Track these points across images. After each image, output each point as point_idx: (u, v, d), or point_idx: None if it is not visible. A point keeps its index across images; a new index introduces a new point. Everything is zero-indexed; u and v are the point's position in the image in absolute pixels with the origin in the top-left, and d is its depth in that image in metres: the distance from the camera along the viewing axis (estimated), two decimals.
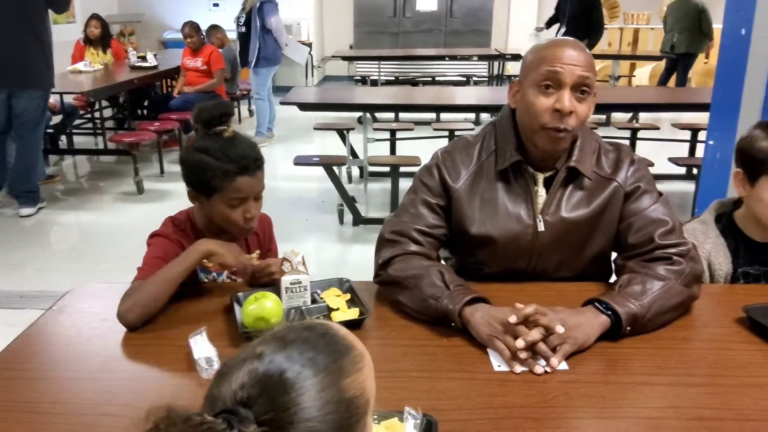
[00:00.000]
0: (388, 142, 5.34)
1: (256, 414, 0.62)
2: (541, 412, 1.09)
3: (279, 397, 0.63)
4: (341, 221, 4.33)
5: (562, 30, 7.00)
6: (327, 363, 0.66)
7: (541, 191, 1.51)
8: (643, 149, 5.21)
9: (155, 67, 6.42)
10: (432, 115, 6.30)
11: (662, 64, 7.77)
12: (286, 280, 1.42)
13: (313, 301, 1.47)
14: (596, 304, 1.32)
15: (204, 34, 6.54)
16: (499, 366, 1.23)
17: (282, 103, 4.52)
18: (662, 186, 1.53)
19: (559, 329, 1.22)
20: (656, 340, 1.32)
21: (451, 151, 1.59)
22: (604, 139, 1.58)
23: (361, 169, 5.09)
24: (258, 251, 1.69)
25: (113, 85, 5.77)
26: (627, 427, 1.06)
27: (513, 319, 1.23)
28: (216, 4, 9.56)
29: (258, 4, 6.01)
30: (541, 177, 1.51)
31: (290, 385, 0.64)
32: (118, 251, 3.76)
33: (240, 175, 1.48)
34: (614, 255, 1.58)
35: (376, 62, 8.26)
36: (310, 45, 9.48)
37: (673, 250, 1.42)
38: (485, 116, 6.79)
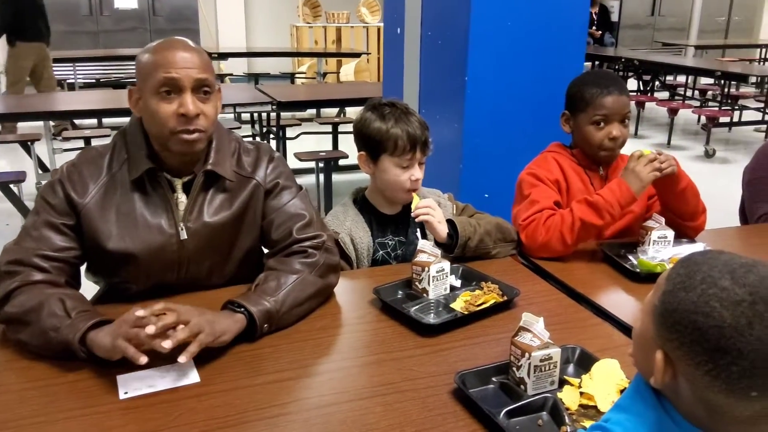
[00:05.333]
0: None
1: None
2: None
3: None
4: None
5: None
6: None
7: (182, 198, 1.46)
8: (346, 143, 5.48)
9: None
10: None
11: (363, 60, 8.30)
12: None
13: None
14: (230, 306, 1.31)
15: None
16: (126, 393, 1.15)
17: None
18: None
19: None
20: (295, 333, 1.35)
21: (77, 164, 1.45)
22: (244, 139, 1.58)
23: None
24: None
25: None
26: None
27: (141, 312, 1.16)
28: None
29: None
30: (179, 183, 1.46)
31: None
32: None
33: None
34: None
35: (71, 64, 7.51)
36: None
37: (308, 243, 1.47)
38: None
